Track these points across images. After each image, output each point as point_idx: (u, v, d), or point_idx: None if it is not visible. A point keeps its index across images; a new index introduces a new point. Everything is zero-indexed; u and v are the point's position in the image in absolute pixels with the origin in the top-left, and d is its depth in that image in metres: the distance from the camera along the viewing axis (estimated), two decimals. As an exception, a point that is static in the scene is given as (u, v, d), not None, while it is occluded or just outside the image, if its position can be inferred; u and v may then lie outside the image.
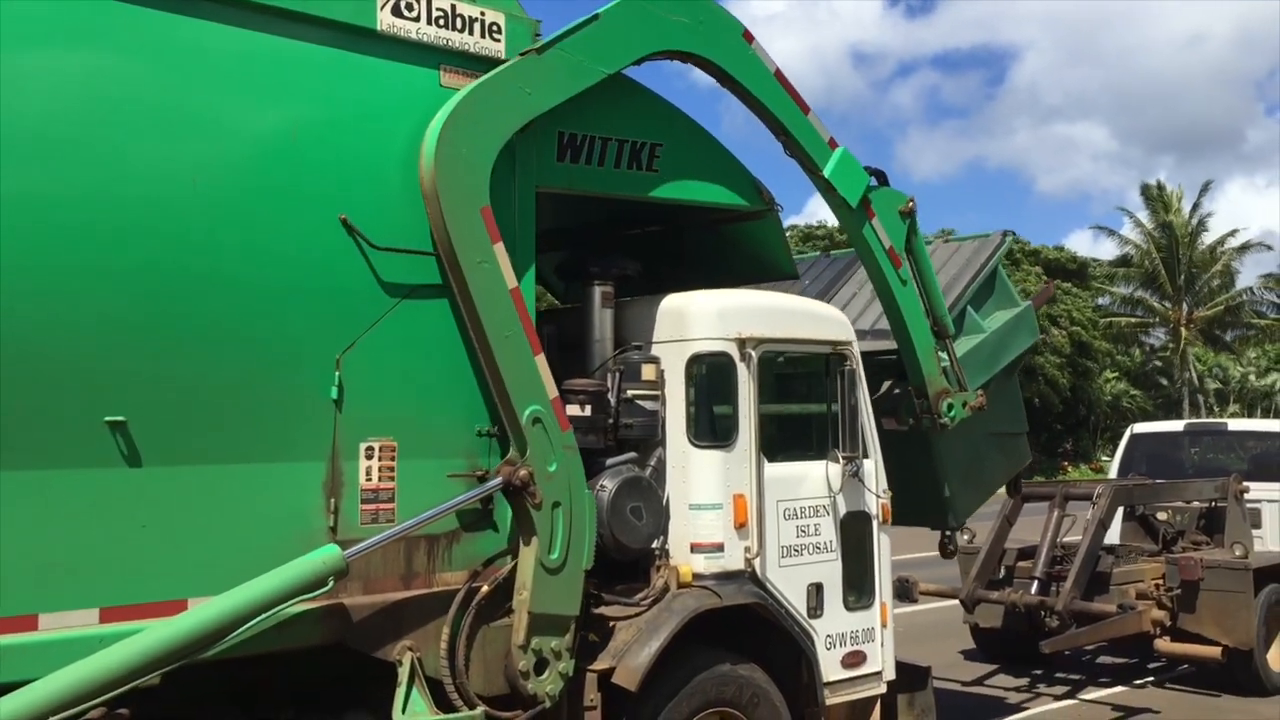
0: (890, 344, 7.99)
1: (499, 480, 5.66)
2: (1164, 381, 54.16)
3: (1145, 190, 52.04)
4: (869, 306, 8.64)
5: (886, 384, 8.07)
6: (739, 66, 6.81)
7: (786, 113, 7.04)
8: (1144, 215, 52.08)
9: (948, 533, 8.49)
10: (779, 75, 6.99)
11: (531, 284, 5.98)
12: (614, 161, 6.44)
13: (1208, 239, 51.70)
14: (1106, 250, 54.30)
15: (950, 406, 7.80)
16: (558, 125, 6.14)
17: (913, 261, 7.73)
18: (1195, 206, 51.50)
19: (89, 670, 4.48)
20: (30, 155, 4.58)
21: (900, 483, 7.50)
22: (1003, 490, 9.95)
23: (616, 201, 6.68)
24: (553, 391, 5.84)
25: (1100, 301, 51.95)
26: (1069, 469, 45.19)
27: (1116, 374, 52.37)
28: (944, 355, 7.86)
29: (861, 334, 7.98)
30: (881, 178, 7.65)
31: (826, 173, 7.25)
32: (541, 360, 5.81)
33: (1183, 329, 50.37)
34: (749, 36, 6.85)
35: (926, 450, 8.14)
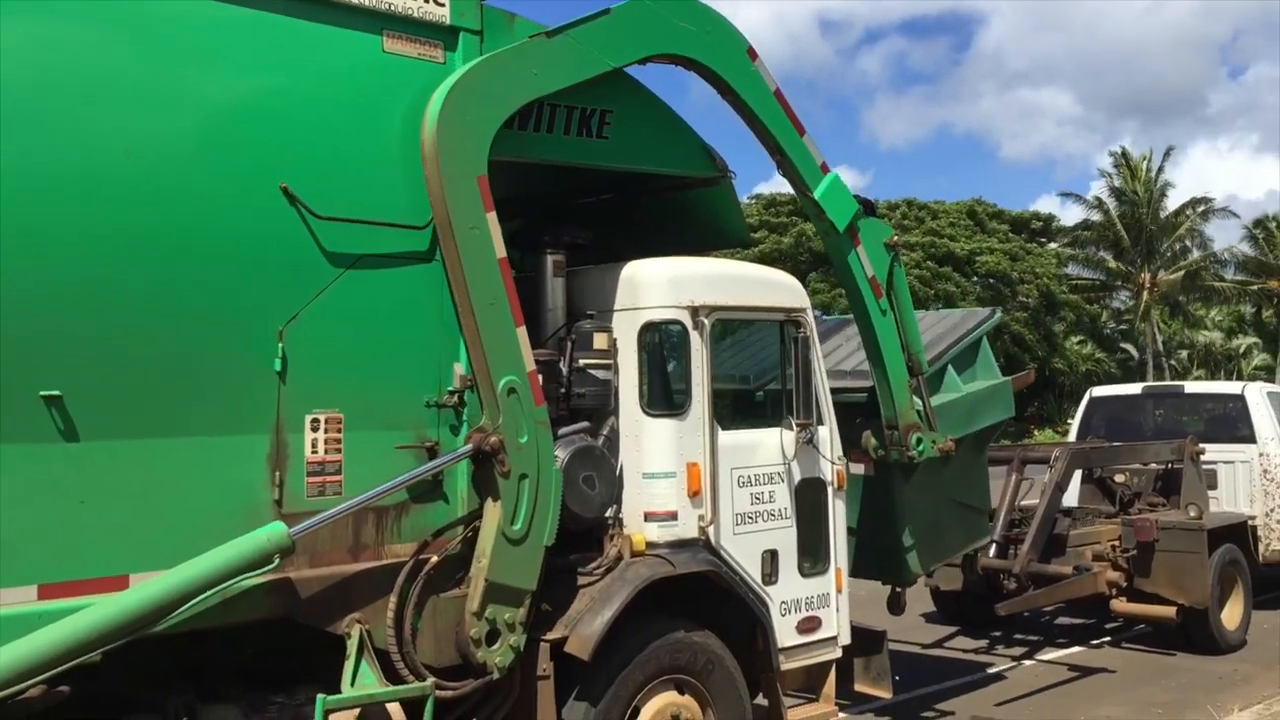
0: (863, 383, 8.13)
1: (469, 447, 5.66)
2: (1128, 346, 54.65)
3: (1113, 156, 52.40)
4: (854, 353, 8.78)
5: (858, 420, 8.11)
6: (740, 80, 6.97)
7: (783, 132, 7.21)
8: (1107, 182, 52.40)
9: (898, 589, 8.50)
10: (779, 95, 7.16)
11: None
12: (564, 128, 6.37)
13: (1172, 204, 52.11)
14: (1073, 216, 54.51)
15: (919, 441, 7.88)
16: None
17: (893, 296, 7.86)
18: (1159, 171, 51.84)
19: (29, 648, 4.42)
20: (-44, 124, 4.48)
21: (860, 532, 7.57)
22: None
23: (567, 169, 6.62)
24: (530, 365, 5.84)
25: (1067, 270, 52.25)
26: (1035, 432, 45.61)
27: (1082, 338, 52.77)
28: (917, 400, 7.95)
29: (841, 374, 8.41)
30: (869, 207, 7.82)
31: (817, 195, 7.40)
32: (522, 332, 5.83)
33: (1146, 293, 50.76)
34: (753, 53, 7.03)
35: (889, 498, 8.22)
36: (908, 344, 7.92)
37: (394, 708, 5.45)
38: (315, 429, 5.36)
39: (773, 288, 7.23)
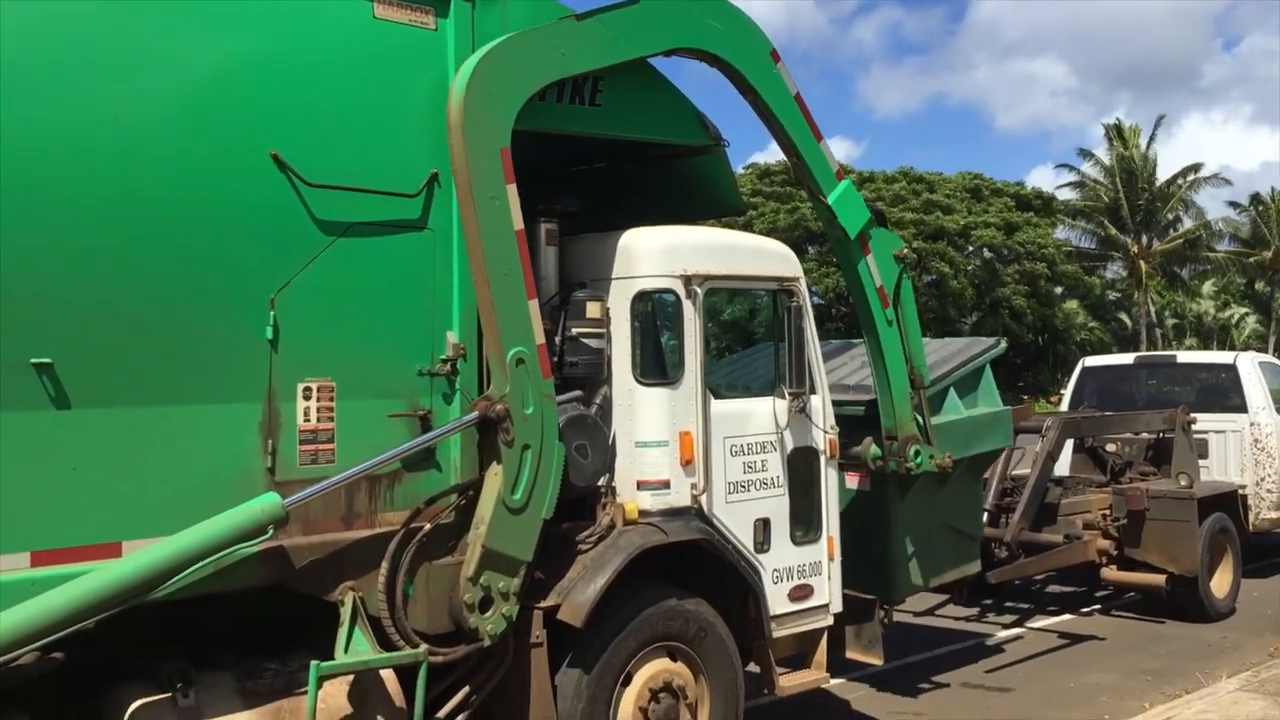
0: (864, 397, 8.16)
1: (475, 414, 5.69)
2: (1123, 316, 54.70)
3: (1106, 129, 52.29)
4: (856, 370, 8.85)
5: (858, 435, 8.12)
6: (762, 81, 7.07)
7: (801, 135, 7.32)
8: (1104, 151, 52.31)
9: (884, 606, 8.46)
10: (798, 98, 7.27)
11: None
12: (556, 96, 6.33)
13: (1165, 174, 52.04)
14: (1068, 189, 54.34)
15: (918, 454, 7.90)
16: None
17: (899, 308, 7.91)
18: (1151, 139, 51.75)
19: (24, 615, 4.44)
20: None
21: (851, 546, 7.60)
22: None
23: (560, 137, 6.59)
24: (540, 338, 5.87)
25: (1060, 234, 52.19)
26: (1029, 402, 45.66)
27: (1076, 304, 52.77)
28: (917, 414, 7.97)
29: (844, 388, 8.49)
30: (881, 217, 7.89)
31: (830, 200, 7.49)
32: (535, 305, 5.87)
33: (1141, 263, 50.77)
34: (776, 56, 7.16)
35: (884, 513, 8.27)
36: (911, 356, 7.97)
37: (388, 674, 5.49)
38: (307, 397, 5.36)
39: (766, 257, 7.22)
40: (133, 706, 4.91)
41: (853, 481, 8.20)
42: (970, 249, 44.21)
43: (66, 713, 4.96)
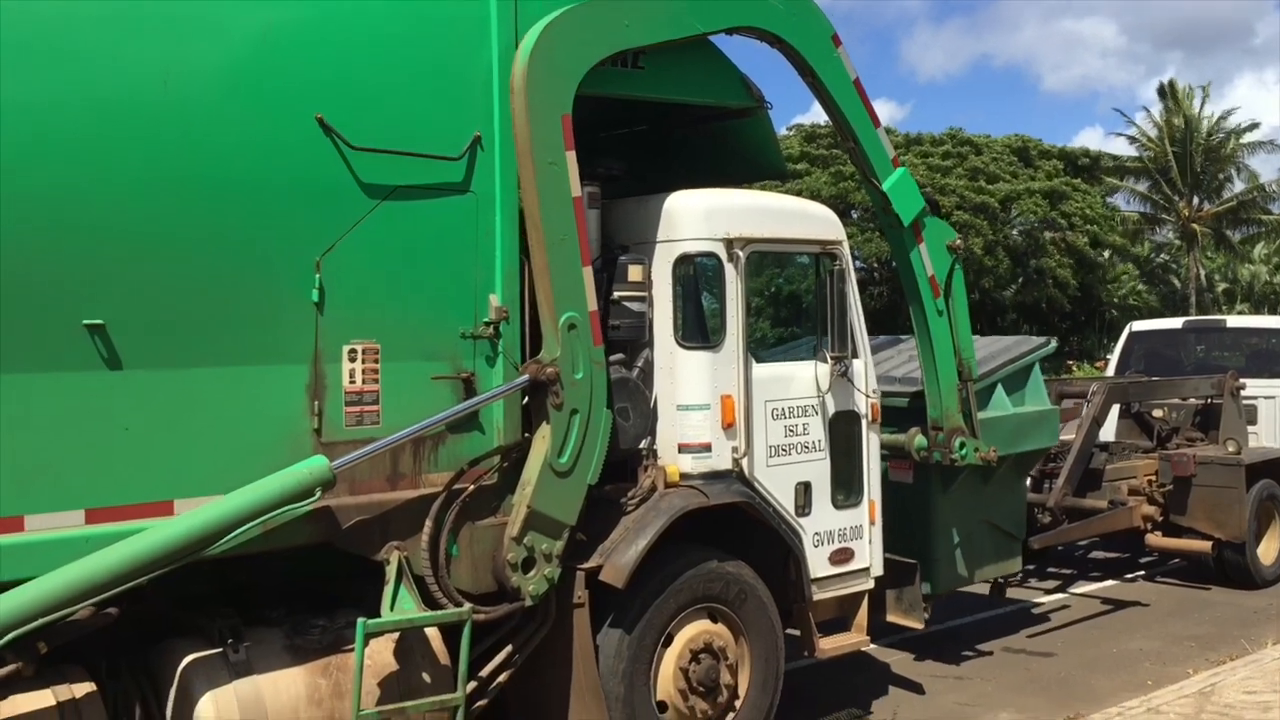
0: (910, 389, 8.18)
1: (525, 378, 5.77)
2: (1173, 280, 53.87)
3: (1159, 89, 51.35)
4: (904, 364, 8.82)
5: (903, 427, 8.13)
6: (823, 64, 7.12)
7: (859, 121, 7.35)
8: (1156, 111, 51.39)
9: (919, 628, 8.45)
10: (858, 84, 7.30)
11: (513, 183, 5.91)
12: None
13: (1218, 136, 50.99)
14: (1117, 149, 53.37)
15: (963, 445, 7.87)
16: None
17: (950, 299, 7.89)
18: (1204, 101, 50.73)
19: (79, 573, 4.55)
20: (-2, 59, 4.52)
21: (894, 536, 7.62)
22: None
23: (602, 100, 6.57)
24: (593, 305, 5.94)
25: (1110, 198, 51.36)
26: (1075, 368, 45.19)
27: (1126, 270, 52.02)
28: (965, 409, 7.93)
29: (891, 379, 8.43)
30: (935, 207, 7.90)
31: (885, 186, 7.50)
32: (588, 272, 5.94)
33: (1194, 226, 49.92)
34: (837, 40, 7.20)
35: (926, 506, 8.26)
36: (960, 349, 7.94)
37: (432, 632, 5.58)
38: (353, 359, 5.42)
39: (809, 220, 7.19)
40: (184, 661, 5.04)
41: (899, 475, 8.20)
42: (1014, 218, 43.56)
43: (118, 666, 5.07)
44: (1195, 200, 50.25)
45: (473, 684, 5.64)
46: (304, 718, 5.15)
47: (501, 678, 5.84)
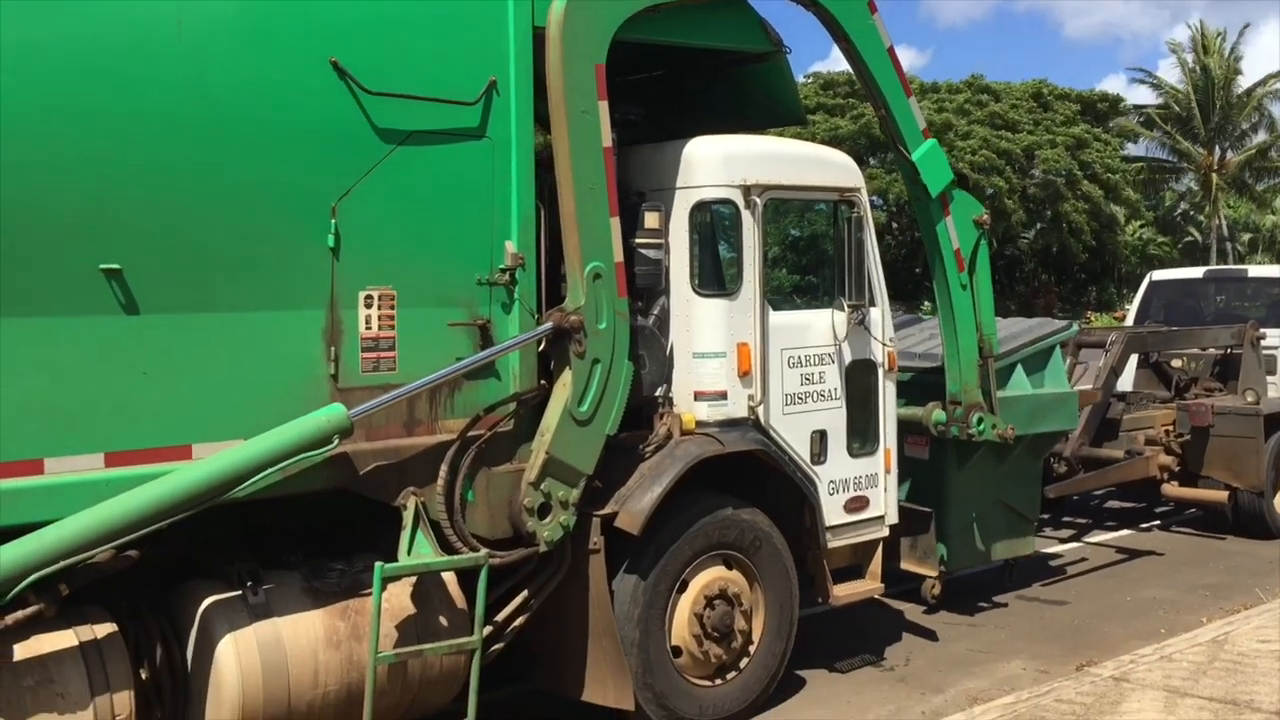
0: (930, 364, 8.17)
1: (549, 325, 5.78)
2: (1192, 231, 53.36)
3: (1190, 28, 50.54)
4: (925, 340, 8.85)
5: (921, 401, 8.13)
6: (859, 31, 7.11)
7: (891, 89, 7.32)
8: (1181, 57, 50.60)
9: (933, 576, 8.41)
10: (891, 52, 7.27)
11: (529, 128, 5.88)
12: (614, 1, 6.24)
13: (1244, 83, 50.26)
14: (1140, 96, 52.70)
15: (980, 420, 7.84)
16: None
17: (974, 275, 7.85)
18: (1236, 43, 49.89)
19: (100, 516, 4.59)
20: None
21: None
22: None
23: (618, 45, 6.49)
24: (619, 255, 5.93)
25: (1129, 148, 50.76)
26: (1093, 318, 44.95)
27: (1142, 222, 51.53)
28: (985, 385, 7.90)
29: (911, 355, 8.50)
30: (964, 180, 7.85)
31: (915, 156, 7.47)
32: (616, 222, 5.94)
33: (1214, 175, 49.35)
34: (873, 6, 7.18)
35: (941, 482, 8.25)
36: (981, 324, 7.89)
37: (449, 577, 5.62)
38: (369, 305, 5.42)
39: (827, 167, 7.13)
40: (205, 603, 5.10)
41: (915, 450, 8.21)
42: (1034, 171, 43.13)
43: (139, 608, 5.13)
44: (1218, 150, 49.62)
45: (489, 628, 5.69)
46: (322, 659, 5.21)
47: (518, 622, 5.89)
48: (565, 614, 6.06)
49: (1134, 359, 12.13)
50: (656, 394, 6.43)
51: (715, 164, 6.55)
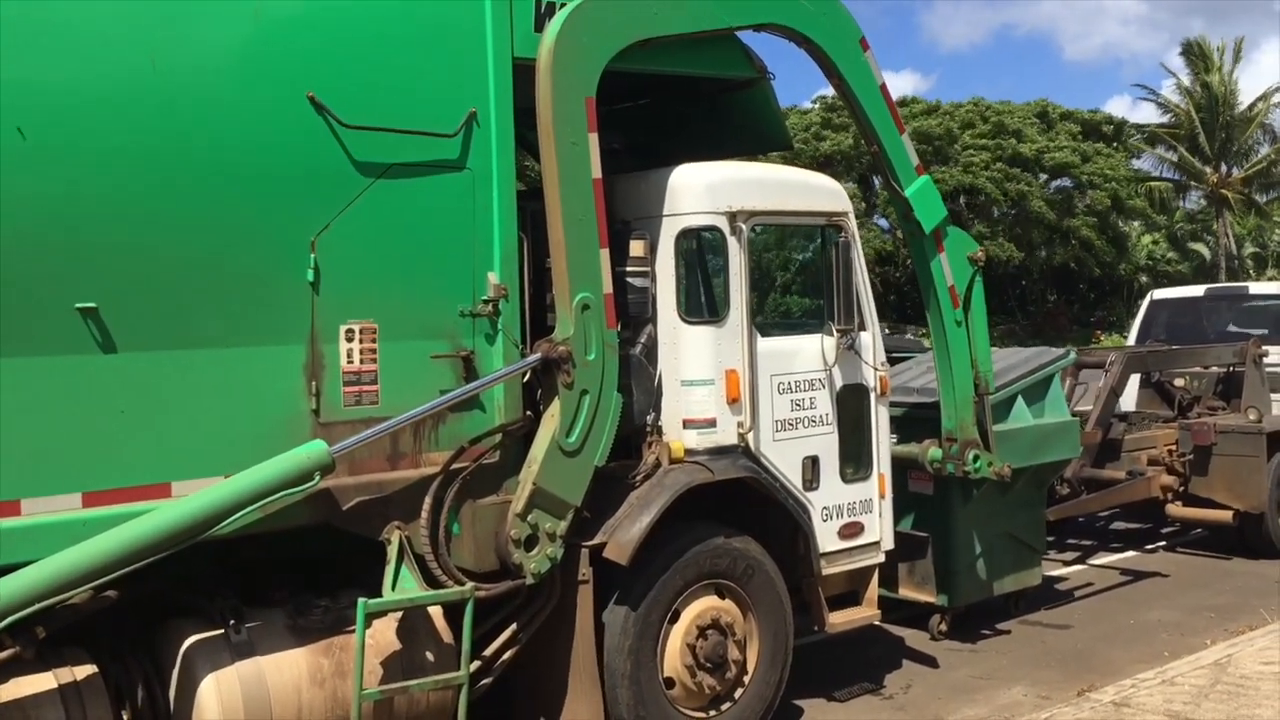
0: (927, 399, 8.12)
1: (538, 356, 5.76)
2: (1199, 248, 53.20)
3: (1186, 48, 50.47)
4: (921, 375, 8.80)
5: (919, 437, 8.08)
6: (850, 67, 7.11)
7: (884, 126, 7.33)
8: (1183, 76, 50.63)
9: (942, 613, 8.39)
10: (884, 89, 7.26)
11: (510, 159, 5.88)
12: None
13: (1246, 99, 50.23)
14: (1143, 115, 52.68)
15: (976, 458, 7.78)
16: (535, -10, 5.99)
17: (969, 310, 7.81)
18: (1236, 60, 49.89)
19: (76, 558, 4.56)
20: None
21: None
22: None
23: (603, 73, 6.49)
24: (608, 287, 5.92)
25: (1135, 163, 50.71)
26: (1101, 337, 44.80)
27: (1156, 238, 51.42)
28: (981, 422, 7.86)
29: (909, 390, 8.49)
30: (957, 218, 7.69)
31: (908, 193, 7.45)
32: (605, 254, 5.95)
33: (1224, 192, 49.23)
34: (865, 44, 7.18)
35: (946, 518, 8.22)
36: (976, 361, 7.84)
37: (435, 611, 5.57)
38: (350, 339, 5.41)
39: (813, 192, 7.11)
40: (186, 642, 5.06)
41: (919, 486, 8.16)
42: (1045, 176, 43.20)
43: (121, 648, 5.09)
44: (1224, 167, 49.55)
45: (477, 663, 5.63)
46: (306, 697, 5.15)
47: (506, 656, 5.84)
48: (554, 648, 6.00)
49: (1136, 378, 12.04)
50: (645, 422, 6.38)
51: (700, 191, 6.54)
